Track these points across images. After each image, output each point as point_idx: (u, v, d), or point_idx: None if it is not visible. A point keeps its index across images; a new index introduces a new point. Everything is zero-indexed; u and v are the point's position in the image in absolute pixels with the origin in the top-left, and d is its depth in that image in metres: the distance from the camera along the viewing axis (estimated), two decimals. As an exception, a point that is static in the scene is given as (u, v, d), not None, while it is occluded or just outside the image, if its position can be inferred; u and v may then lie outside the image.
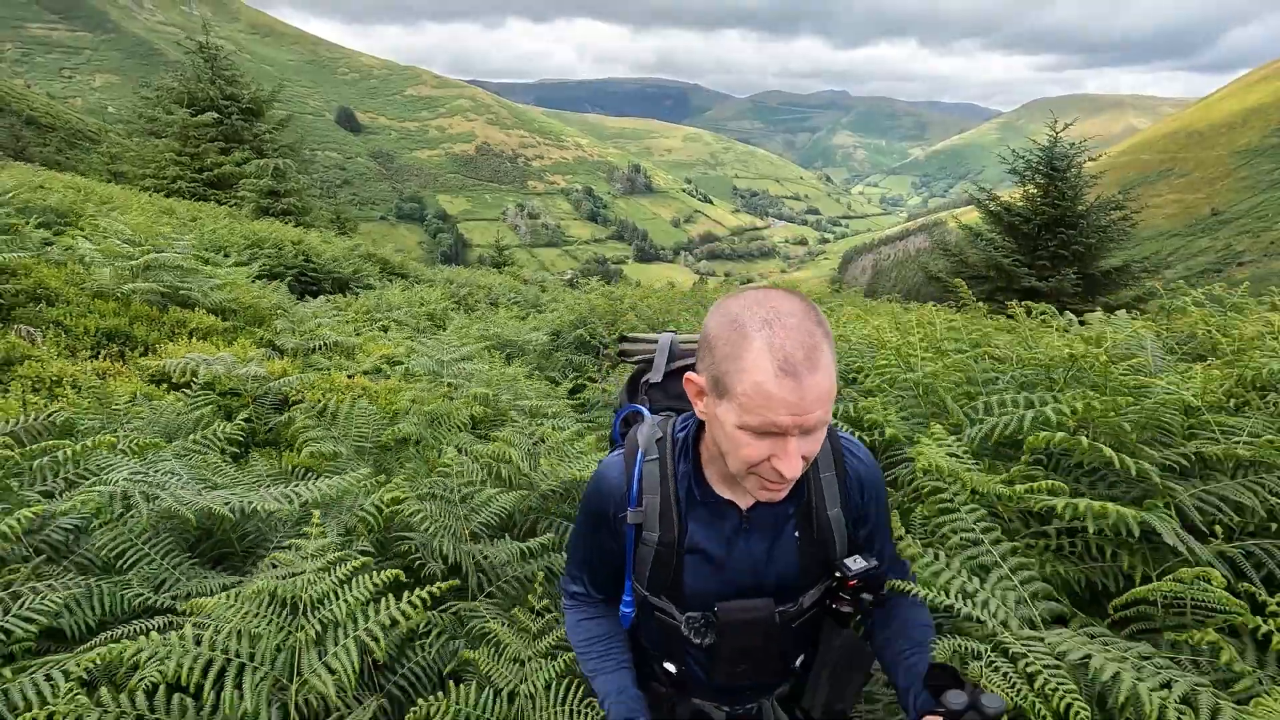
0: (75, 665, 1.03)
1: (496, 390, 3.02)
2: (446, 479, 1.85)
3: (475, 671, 1.22)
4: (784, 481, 0.93)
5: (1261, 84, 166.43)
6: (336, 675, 1.03)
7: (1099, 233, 17.38)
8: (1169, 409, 1.37)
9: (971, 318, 3.26)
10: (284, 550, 1.33)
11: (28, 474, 1.40)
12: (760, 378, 0.87)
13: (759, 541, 1.09)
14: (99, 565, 1.30)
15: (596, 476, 1.16)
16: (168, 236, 4.19)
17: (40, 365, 2.56)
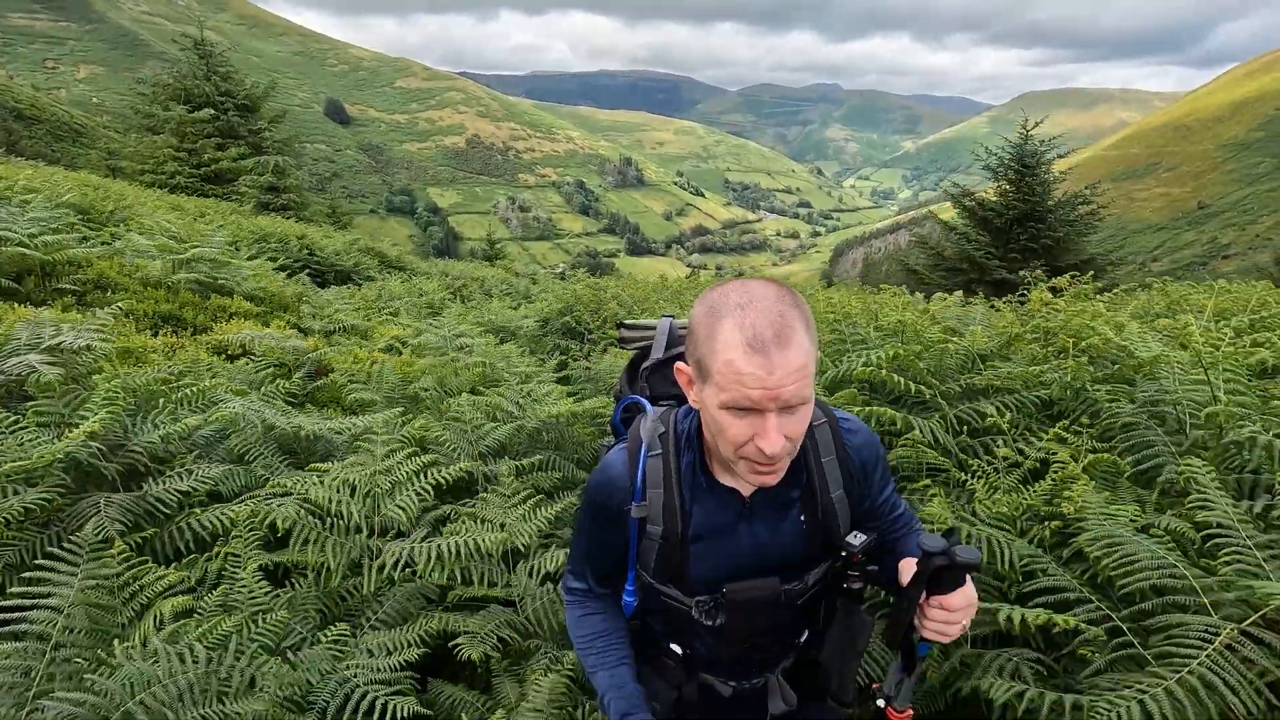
0: (235, 510, 1.68)
1: (493, 362, 3.67)
2: (459, 420, 2.50)
3: (476, 514, 1.85)
4: (769, 461, 0.95)
5: (1248, 79, 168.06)
6: (404, 510, 1.68)
7: (1067, 226, 18.16)
8: (955, 356, 2.03)
9: (870, 295, 3.93)
10: (355, 453, 1.98)
11: (175, 403, 2.03)
12: (731, 355, 0.91)
13: (762, 526, 1.12)
14: (232, 459, 1.94)
15: (599, 472, 1.17)
16: (204, 233, 4.79)
17: (125, 339, 3.18)
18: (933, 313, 2.40)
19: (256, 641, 1.26)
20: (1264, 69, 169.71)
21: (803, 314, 0.93)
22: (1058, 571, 1.33)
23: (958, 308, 2.58)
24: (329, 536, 1.59)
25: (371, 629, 1.50)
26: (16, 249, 3.51)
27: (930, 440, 1.74)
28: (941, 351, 1.98)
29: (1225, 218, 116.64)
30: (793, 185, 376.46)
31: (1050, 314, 2.67)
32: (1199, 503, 1.22)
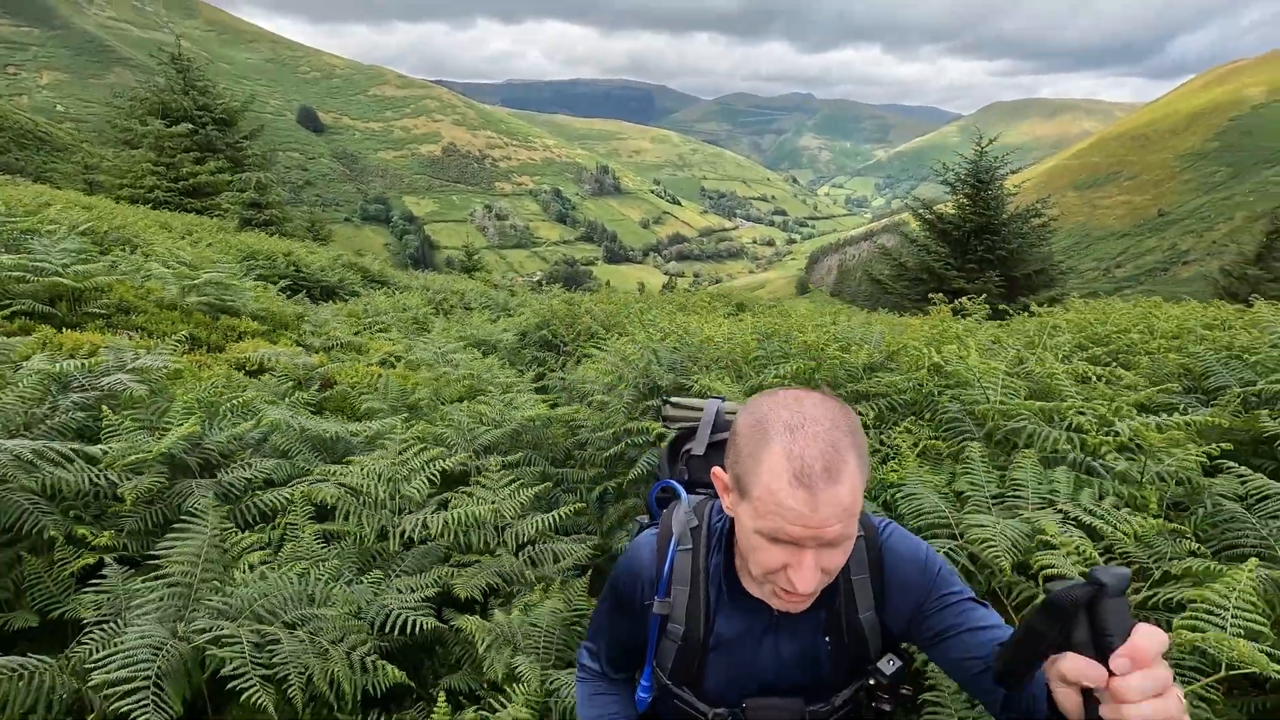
0: (290, 492, 2.22)
1: (478, 374, 4.20)
2: (453, 425, 3.04)
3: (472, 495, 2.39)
4: (798, 595, 0.91)
5: (1203, 90, 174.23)
6: (418, 491, 2.23)
7: (1020, 238, 19.14)
8: (845, 368, 2.63)
9: (819, 312, 4.58)
10: (374, 449, 2.52)
11: (228, 411, 2.55)
12: (775, 485, 0.86)
13: (787, 643, 1.07)
14: (278, 454, 2.47)
15: (628, 556, 1.13)
16: (211, 259, 5.25)
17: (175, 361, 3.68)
18: (833, 333, 3.00)
19: (321, 579, 1.80)
20: (1217, 81, 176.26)
21: (856, 443, 0.88)
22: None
23: (861, 327, 3.20)
24: (362, 510, 2.13)
25: (397, 576, 2.04)
26: (53, 278, 3.98)
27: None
28: (834, 365, 2.58)
29: (1184, 225, 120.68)
30: (768, 193, 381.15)
31: (934, 330, 3.30)
32: (965, 470, 1.82)
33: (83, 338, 3.12)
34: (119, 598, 1.57)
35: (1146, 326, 3.52)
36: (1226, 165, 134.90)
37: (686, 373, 3.10)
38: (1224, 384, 2.64)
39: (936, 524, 1.69)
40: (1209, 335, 3.37)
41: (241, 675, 1.38)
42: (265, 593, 1.59)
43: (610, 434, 3.25)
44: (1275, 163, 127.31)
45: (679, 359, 3.32)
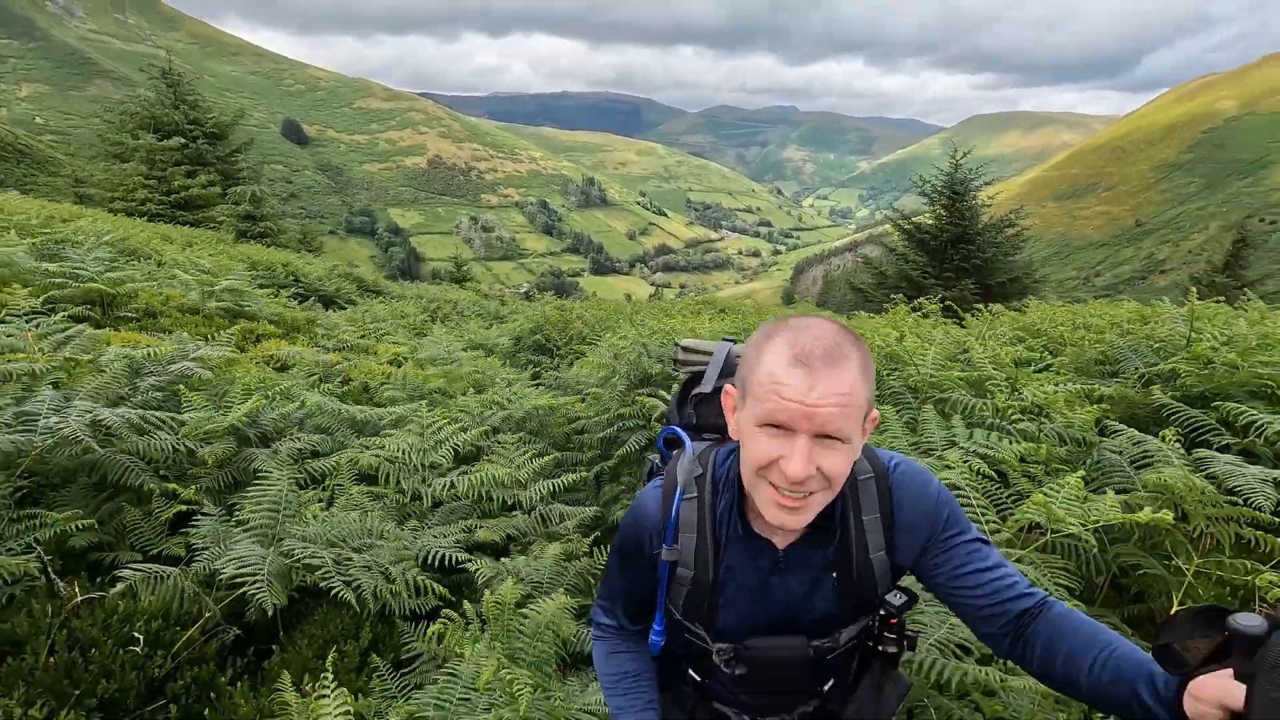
0: (336, 459, 2.60)
1: (483, 370, 4.60)
2: (466, 410, 3.43)
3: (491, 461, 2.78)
4: (793, 490, 0.91)
5: (1176, 104, 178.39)
6: (444, 457, 2.62)
7: (994, 247, 19.81)
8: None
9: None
10: (402, 427, 2.91)
11: (275, 396, 2.93)
12: (774, 367, 0.89)
13: (795, 581, 1.08)
14: (319, 432, 2.85)
15: (634, 509, 1.15)
16: (228, 267, 5.61)
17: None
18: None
19: (374, 521, 2.18)
20: (1190, 95, 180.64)
21: (860, 353, 0.90)
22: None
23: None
24: (399, 473, 2.52)
25: (430, 528, 2.43)
26: (89, 284, 4.34)
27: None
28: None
29: (1160, 235, 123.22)
30: (753, 205, 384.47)
31: (888, 324, 3.75)
32: (884, 428, 2.25)
33: (128, 336, 3.48)
34: (217, 534, 1.95)
35: (1079, 323, 4.00)
36: (1200, 177, 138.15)
37: (673, 362, 3.52)
38: (1133, 366, 3.09)
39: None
40: (1133, 329, 3.84)
41: (329, 579, 1.77)
42: (333, 528, 1.98)
43: (605, 419, 3.66)
44: (1247, 174, 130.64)
45: (666, 351, 3.73)
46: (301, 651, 1.89)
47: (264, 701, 1.73)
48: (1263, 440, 2.15)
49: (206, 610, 1.81)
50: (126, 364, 2.49)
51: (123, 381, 2.45)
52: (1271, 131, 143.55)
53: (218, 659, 1.88)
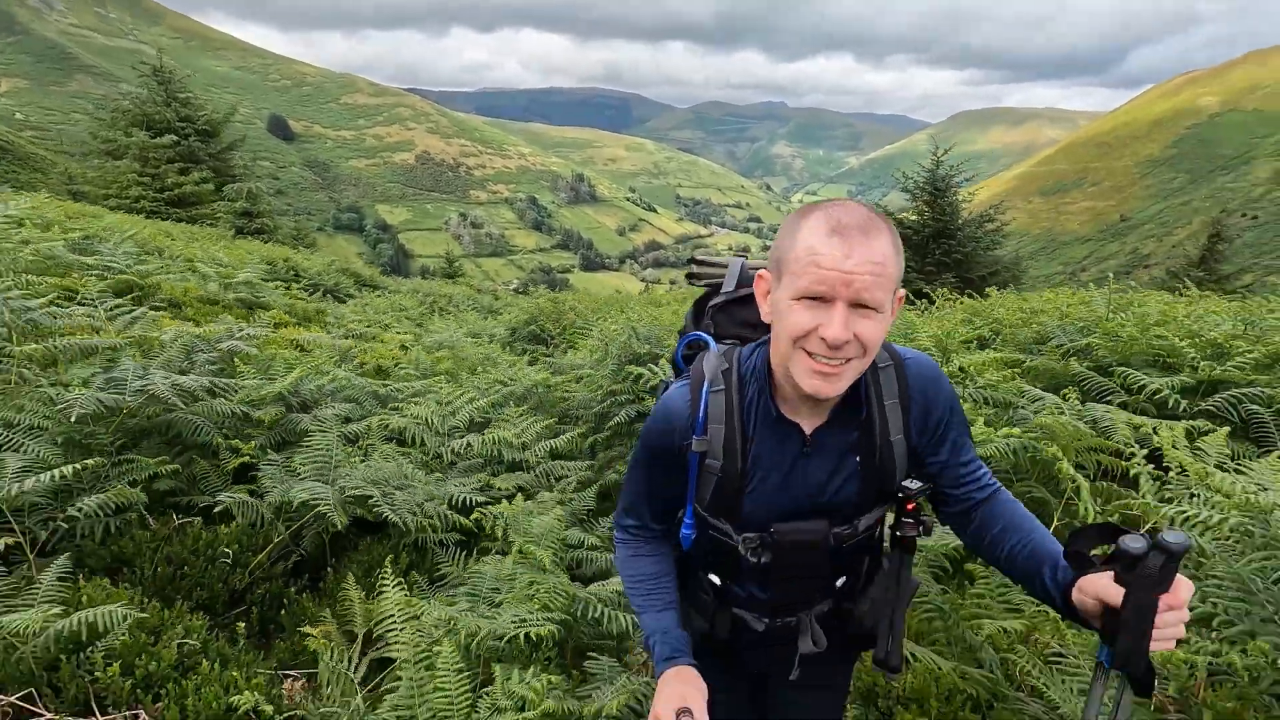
0: (369, 422, 3.02)
1: (486, 354, 5.01)
2: (476, 385, 3.85)
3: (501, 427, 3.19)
4: (831, 356, 0.94)
5: (1161, 100, 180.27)
6: (461, 422, 3.04)
7: (973, 242, 20.35)
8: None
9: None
10: (422, 398, 3.32)
11: (308, 371, 3.33)
12: (812, 239, 0.93)
13: (820, 466, 1.12)
14: (349, 402, 3.26)
15: (660, 407, 1.16)
16: (245, 260, 5.97)
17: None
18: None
19: (406, 469, 2.60)
20: (1175, 90, 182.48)
21: (891, 227, 0.94)
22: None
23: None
24: (424, 433, 2.93)
25: (452, 478, 2.85)
26: (121, 276, 4.71)
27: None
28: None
29: (1145, 230, 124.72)
30: (743, 201, 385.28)
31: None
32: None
33: (167, 321, 3.87)
34: (280, 477, 2.37)
35: (1024, 307, 4.47)
36: (1184, 172, 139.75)
37: (659, 342, 3.95)
38: (1058, 342, 3.56)
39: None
40: (1070, 311, 4.31)
41: (379, 506, 2.19)
42: (375, 472, 2.40)
43: (598, 395, 4.08)
44: (1229, 170, 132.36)
45: (652, 334, 4.16)
46: (352, 572, 2.31)
47: (325, 606, 2.15)
48: (1143, 396, 2.61)
49: (276, 535, 2.22)
50: (190, 340, 2.89)
51: (183, 356, 2.84)
52: (1253, 128, 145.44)
53: (284, 577, 2.30)
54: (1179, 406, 2.51)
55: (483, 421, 3.50)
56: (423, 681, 1.37)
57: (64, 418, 2.09)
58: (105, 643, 1.56)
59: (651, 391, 3.59)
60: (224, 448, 2.54)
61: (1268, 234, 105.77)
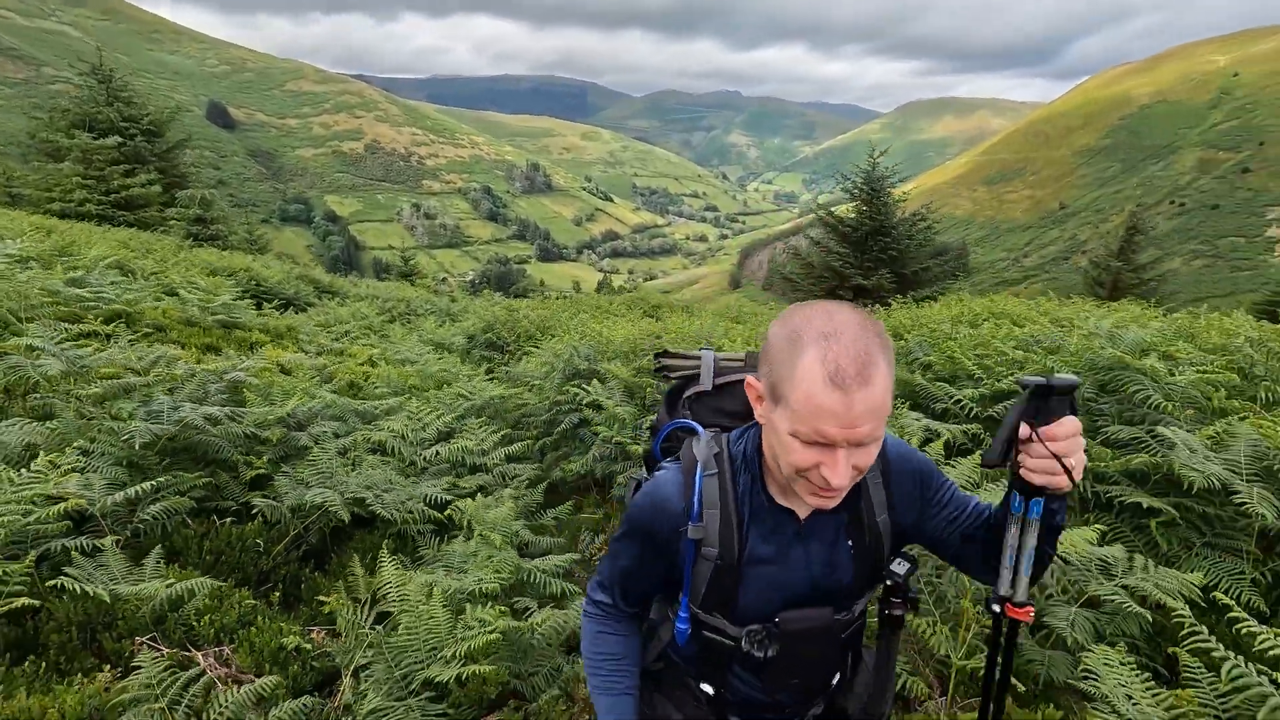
0: (355, 436, 3.72)
1: (447, 369, 5.69)
2: (441, 400, 4.56)
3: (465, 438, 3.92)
4: (831, 490, 0.97)
5: (1096, 90, 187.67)
6: (430, 434, 3.77)
7: (908, 239, 21.64)
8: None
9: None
10: (395, 414, 4.03)
11: (299, 394, 3.99)
12: (811, 389, 0.91)
13: (815, 550, 1.12)
14: (336, 419, 3.94)
15: (650, 491, 1.15)
16: (222, 285, 6.47)
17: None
18: (684, 327, 4.69)
19: (389, 475, 3.32)
20: (1110, 82, 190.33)
21: (885, 348, 0.94)
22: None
23: (712, 321, 4.91)
24: (400, 444, 3.65)
25: (424, 480, 3.57)
26: (112, 305, 5.24)
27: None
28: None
29: (1082, 217, 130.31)
30: (699, 190, 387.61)
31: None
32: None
33: (181, 354, 4.47)
34: (291, 484, 3.06)
35: (919, 320, 5.39)
36: (1118, 161, 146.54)
37: (596, 360, 4.72)
38: (914, 356, 4.46)
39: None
40: (926, 324, 5.24)
41: (373, 504, 2.91)
42: (368, 478, 3.12)
43: (546, 404, 4.83)
44: (1159, 159, 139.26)
45: (591, 352, 4.92)
46: (349, 558, 3.03)
47: (334, 581, 2.87)
48: (958, 406, 3.49)
49: (292, 529, 2.92)
50: (204, 375, 3.53)
51: (200, 388, 3.49)
52: (1180, 118, 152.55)
53: (298, 562, 3.00)
54: (972, 413, 3.38)
55: (448, 432, 4.21)
56: (419, 616, 2.11)
57: (127, 444, 2.74)
58: (192, 605, 2.24)
59: (592, 405, 4.34)
60: (241, 463, 3.20)
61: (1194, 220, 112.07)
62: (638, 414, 3.95)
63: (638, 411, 4.01)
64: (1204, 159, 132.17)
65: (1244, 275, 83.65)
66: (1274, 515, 2.11)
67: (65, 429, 2.81)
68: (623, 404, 4.03)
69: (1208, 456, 2.29)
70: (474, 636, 1.93)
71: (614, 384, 4.23)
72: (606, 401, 3.96)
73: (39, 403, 3.18)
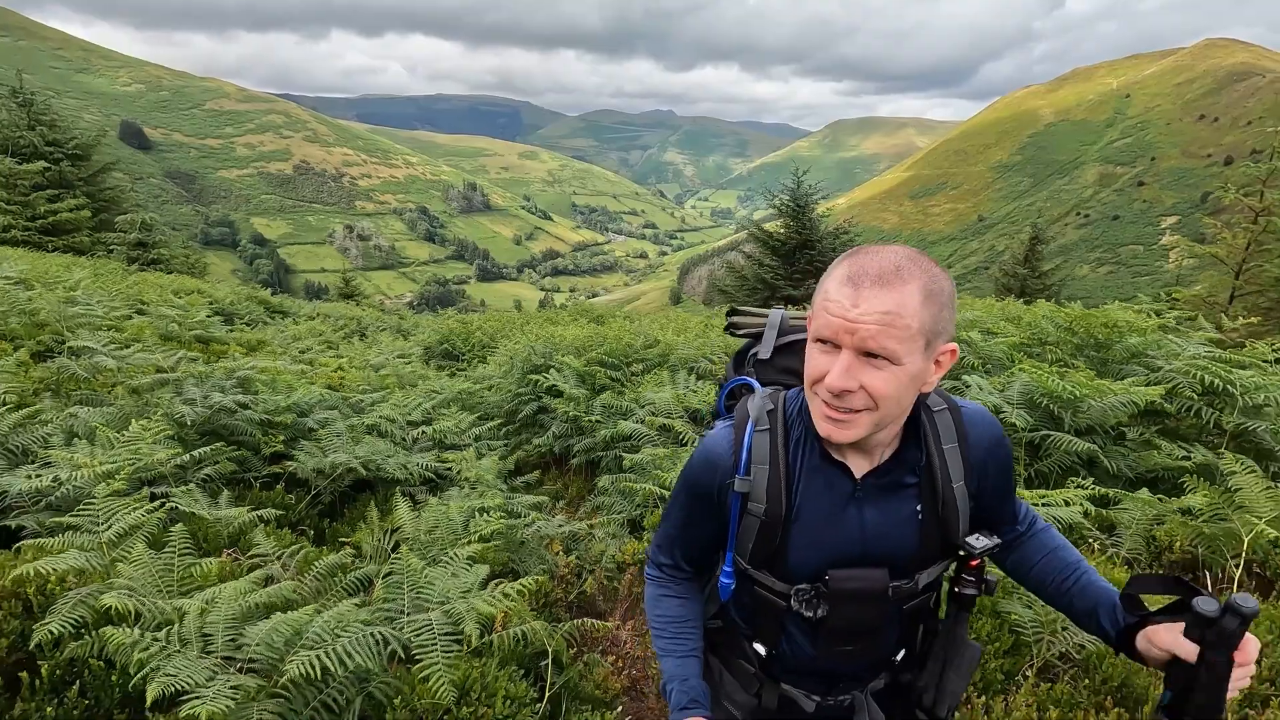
0: (350, 423, 4.43)
1: (415, 371, 6.39)
2: (417, 393, 5.29)
3: (442, 422, 4.67)
4: (836, 403, 0.95)
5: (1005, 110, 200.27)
6: (417, 418, 4.51)
7: (832, 252, 23.24)
8: (624, 347, 5.18)
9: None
10: (380, 405, 4.74)
11: (293, 386, 4.65)
12: (829, 284, 0.94)
13: (874, 512, 1.08)
14: (331, 409, 4.63)
15: (702, 448, 1.15)
16: (196, 303, 6.94)
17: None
18: (622, 330, 5.58)
19: (386, 449, 4.04)
20: (1016, 103, 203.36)
21: (926, 279, 0.92)
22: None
23: (649, 326, 5.81)
24: (391, 427, 4.38)
25: (413, 454, 4.30)
26: (104, 321, 5.75)
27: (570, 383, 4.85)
28: (615, 346, 5.12)
29: (999, 229, 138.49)
30: (638, 208, 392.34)
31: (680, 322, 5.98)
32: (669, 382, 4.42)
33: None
34: (310, 454, 3.76)
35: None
36: (1028, 176, 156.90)
37: (551, 355, 5.54)
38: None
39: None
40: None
41: (381, 467, 3.65)
42: (370, 450, 3.84)
43: (508, 395, 5.61)
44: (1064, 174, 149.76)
45: (547, 350, 5.73)
46: (366, 507, 3.74)
47: (349, 528, 3.59)
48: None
49: (314, 487, 3.62)
50: (222, 371, 4.17)
51: (222, 379, 4.13)
52: (1080, 135, 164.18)
53: (318, 515, 3.69)
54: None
55: (427, 419, 4.93)
56: (442, 517, 2.87)
57: (178, 422, 3.39)
58: (256, 532, 2.93)
59: (550, 391, 5.13)
60: (261, 441, 3.87)
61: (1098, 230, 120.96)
62: (590, 395, 4.78)
63: (590, 394, 4.85)
64: (1103, 173, 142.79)
65: (1144, 280, 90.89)
66: (1024, 425, 3.13)
67: (125, 411, 3.44)
68: (577, 387, 4.86)
69: (991, 392, 3.30)
70: (484, 527, 2.70)
71: (568, 373, 5.05)
72: (564, 386, 4.77)
73: (86, 395, 3.77)
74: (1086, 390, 3.18)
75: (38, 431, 3.11)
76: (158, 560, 1.89)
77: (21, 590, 1.94)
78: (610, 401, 4.51)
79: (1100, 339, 3.97)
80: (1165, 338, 3.98)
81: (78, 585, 1.87)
